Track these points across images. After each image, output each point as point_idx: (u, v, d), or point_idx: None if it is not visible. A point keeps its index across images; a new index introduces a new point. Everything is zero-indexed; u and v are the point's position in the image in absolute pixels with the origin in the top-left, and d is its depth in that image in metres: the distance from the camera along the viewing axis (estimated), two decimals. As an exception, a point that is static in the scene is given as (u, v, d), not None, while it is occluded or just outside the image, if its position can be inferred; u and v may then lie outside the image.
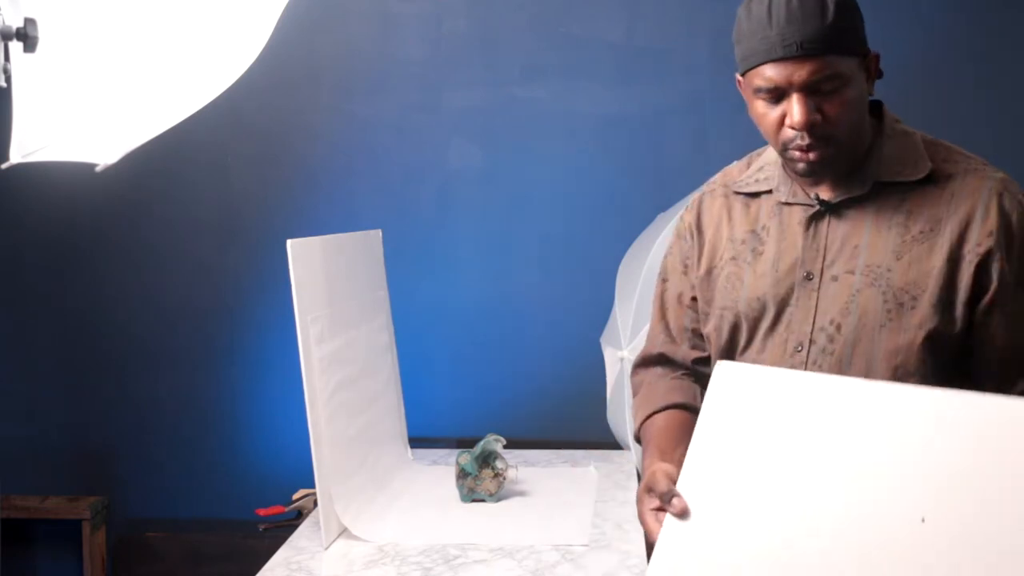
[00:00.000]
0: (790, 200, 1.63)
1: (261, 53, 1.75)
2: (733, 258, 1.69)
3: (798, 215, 1.63)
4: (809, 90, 1.47)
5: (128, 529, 3.46)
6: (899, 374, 1.52)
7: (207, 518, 3.45)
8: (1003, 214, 1.51)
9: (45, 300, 3.51)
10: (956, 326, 1.52)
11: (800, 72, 1.46)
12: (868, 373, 1.53)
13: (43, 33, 1.49)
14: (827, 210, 1.60)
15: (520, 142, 3.36)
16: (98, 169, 1.75)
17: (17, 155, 1.56)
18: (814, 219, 1.61)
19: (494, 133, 3.37)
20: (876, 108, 1.63)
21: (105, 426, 3.52)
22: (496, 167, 3.37)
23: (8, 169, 1.61)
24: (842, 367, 1.55)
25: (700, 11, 3.27)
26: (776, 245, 1.64)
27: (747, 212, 1.69)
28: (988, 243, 1.50)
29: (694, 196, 1.80)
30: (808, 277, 1.59)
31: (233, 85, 1.76)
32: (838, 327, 1.56)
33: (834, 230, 1.59)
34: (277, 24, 1.74)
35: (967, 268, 1.51)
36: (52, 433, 3.52)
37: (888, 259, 1.54)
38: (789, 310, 1.61)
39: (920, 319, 1.51)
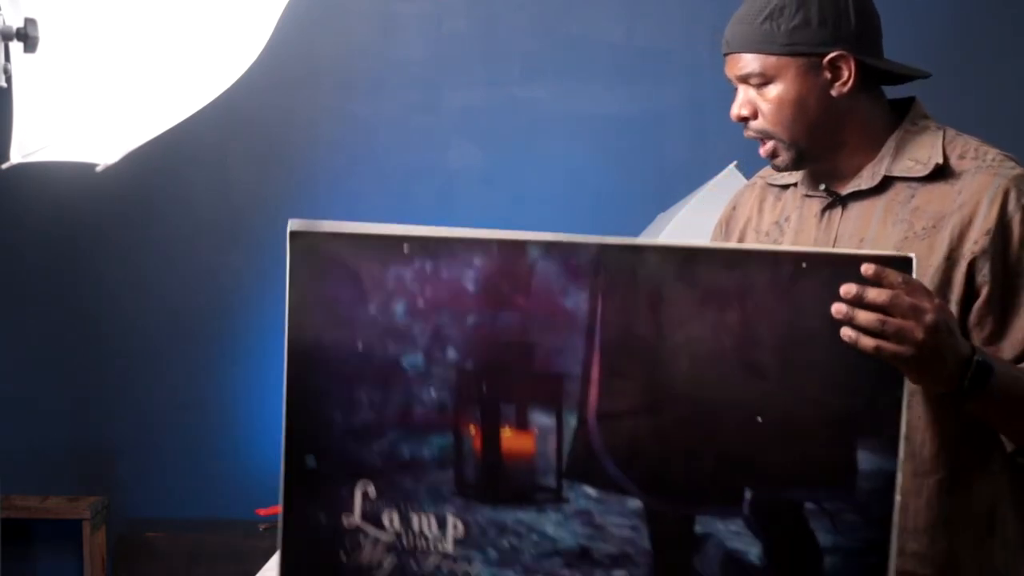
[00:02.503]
0: (810, 192, 1.65)
1: (261, 53, 1.75)
2: None
3: (815, 207, 1.64)
4: (745, 84, 1.58)
5: (128, 529, 3.45)
6: None
7: (207, 518, 3.45)
8: (1004, 213, 1.49)
9: (45, 300, 3.51)
10: None
11: (729, 68, 1.59)
12: None
13: (43, 33, 1.49)
14: (839, 203, 1.61)
15: (520, 142, 3.36)
16: (98, 169, 1.75)
17: (17, 155, 1.56)
18: (827, 211, 1.62)
19: (494, 133, 3.37)
20: (906, 103, 1.63)
21: (105, 426, 3.51)
22: (496, 167, 3.37)
23: (8, 169, 1.61)
24: None
25: (700, 11, 3.27)
26: (794, 237, 1.65)
27: (776, 204, 1.72)
28: (983, 242, 1.48)
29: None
30: None
31: (233, 85, 1.76)
32: None
33: (844, 223, 1.59)
34: (277, 24, 1.74)
35: (961, 267, 1.49)
36: (52, 433, 3.52)
37: None
38: None
39: None
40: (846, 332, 1.26)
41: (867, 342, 1.26)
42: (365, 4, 3.38)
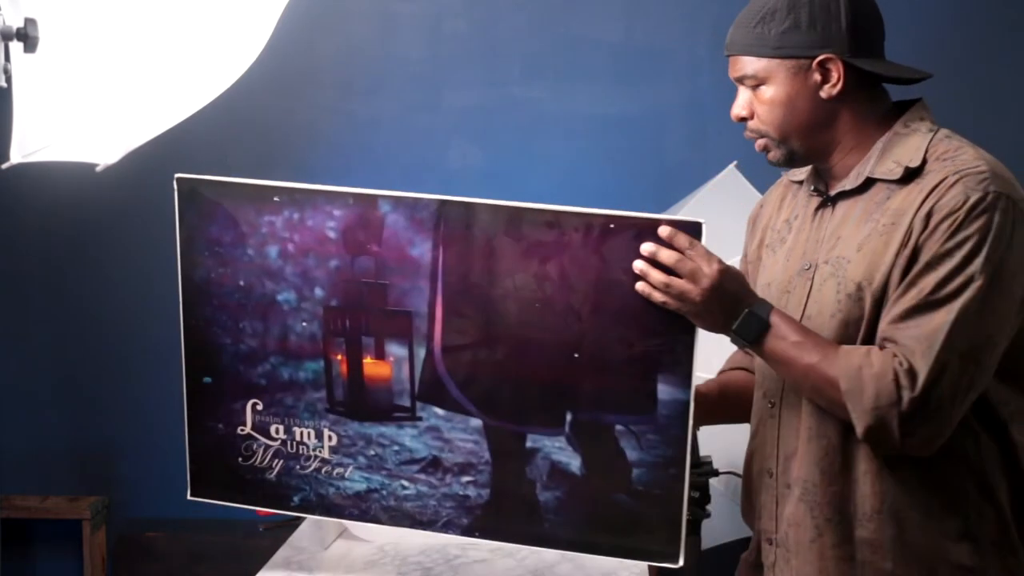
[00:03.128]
0: (810, 192, 1.71)
1: (261, 53, 1.75)
2: (768, 245, 1.77)
3: (813, 206, 1.69)
4: (743, 86, 1.64)
5: (128, 529, 3.46)
6: None
7: (207, 518, 3.44)
8: (937, 202, 1.49)
9: (46, 300, 3.50)
10: None
11: (729, 69, 1.65)
12: None
13: (43, 33, 1.49)
14: (829, 202, 1.65)
15: (520, 142, 3.36)
16: (99, 169, 1.75)
17: (17, 155, 1.57)
18: (819, 211, 1.67)
19: (494, 133, 3.37)
20: (907, 105, 1.64)
21: (105, 426, 3.51)
22: (496, 167, 3.37)
23: (8, 169, 1.61)
24: None
25: (700, 11, 3.27)
26: (795, 235, 1.70)
27: (792, 202, 1.76)
28: (916, 229, 1.50)
29: None
30: (806, 267, 1.63)
31: (233, 85, 1.76)
32: (808, 317, 1.61)
33: (831, 222, 1.64)
34: (277, 24, 1.74)
35: (904, 255, 1.51)
36: (52, 433, 3.52)
37: (851, 251, 1.56)
38: (786, 297, 1.66)
39: (861, 312, 1.55)
40: (641, 286, 1.46)
41: (657, 296, 1.48)
42: (365, 4, 3.38)
